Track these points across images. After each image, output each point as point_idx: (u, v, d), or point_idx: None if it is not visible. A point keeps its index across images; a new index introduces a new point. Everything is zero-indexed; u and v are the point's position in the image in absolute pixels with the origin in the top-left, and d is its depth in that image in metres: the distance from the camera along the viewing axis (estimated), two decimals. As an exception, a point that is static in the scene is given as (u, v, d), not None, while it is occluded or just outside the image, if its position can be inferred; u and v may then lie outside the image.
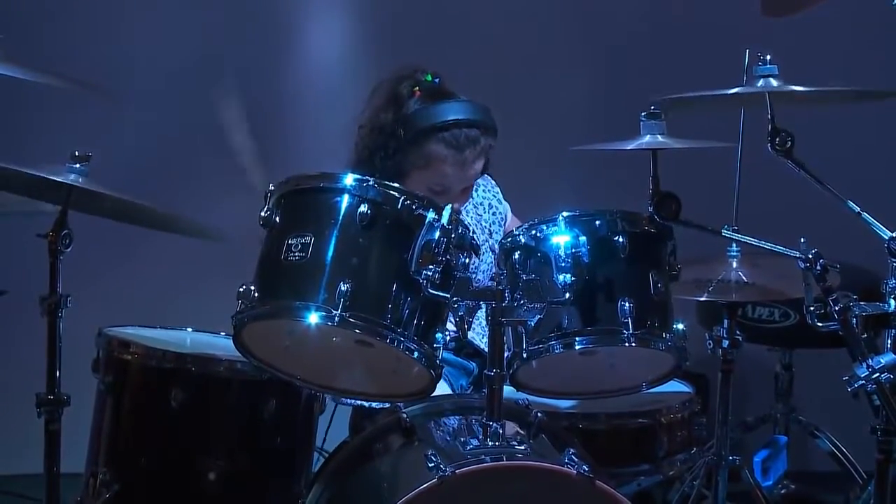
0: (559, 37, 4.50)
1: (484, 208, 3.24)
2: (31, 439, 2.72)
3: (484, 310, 2.43)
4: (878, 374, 2.35)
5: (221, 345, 2.80)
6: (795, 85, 2.60)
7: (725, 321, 3.21)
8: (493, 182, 3.29)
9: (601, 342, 2.49)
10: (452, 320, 2.48)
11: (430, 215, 2.36)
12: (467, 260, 2.43)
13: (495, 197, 3.28)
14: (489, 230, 3.22)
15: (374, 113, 3.06)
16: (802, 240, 2.46)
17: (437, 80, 3.06)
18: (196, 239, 3.01)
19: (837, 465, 4.05)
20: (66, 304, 2.64)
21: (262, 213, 2.45)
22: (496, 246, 3.15)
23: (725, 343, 3.20)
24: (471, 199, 3.18)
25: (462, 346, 3.08)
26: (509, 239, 2.55)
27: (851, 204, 2.48)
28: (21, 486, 3.95)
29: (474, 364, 3.12)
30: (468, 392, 3.05)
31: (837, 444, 4.04)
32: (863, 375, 2.35)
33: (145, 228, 2.92)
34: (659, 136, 2.58)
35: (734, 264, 3.22)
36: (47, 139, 4.01)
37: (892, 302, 2.44)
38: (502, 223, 3.28)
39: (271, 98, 4.41)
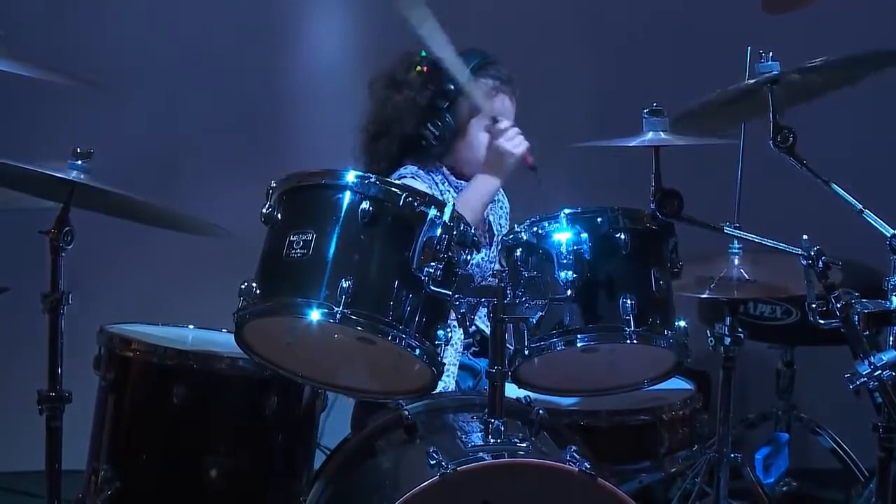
0: (561, 34, 4.49)
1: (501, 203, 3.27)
2: (32, 436, 2.71)
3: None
4: (879, 372, 2.35)
5: (223, 342, 2.80)
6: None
7: (727, 318, 3.21)
8: None
9: (603, 339, 2.49)
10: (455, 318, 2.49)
11: (432, 212, 2.37)
12: (469, 257, 2.43)
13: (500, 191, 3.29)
14: (499, 224, 3.24)
15: (380, 104, 3.09)
16: (804, 237, 2.45)
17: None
18: (198, 236, 3.01)
19: (839, 462, 4.05)
20: (67, 301, 2.63)
21: (264, 210, 2.45)
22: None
23: (727, 340, 3.21)
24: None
25: (472, 344, 3.08)
26: (511, 236, 2.54)
27: (853, 201, 2.48)
28: (22, 482, 3.96)
29: (483, 365, 3.11)
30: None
31: (839, 441, 4.04)
32: (864, 373, 2.35)
33: (147, 225, 2.92)
34: (661, 133, 2.58)
35: (736, 261, 3.22)
36: (49, 136, 4.01)
37: (893, 299, 2.43)
38: (508, 217, 3.29)
39: (273, 94, 4.41)
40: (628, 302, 2.45)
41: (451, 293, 2.37)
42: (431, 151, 3.09)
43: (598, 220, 2.51)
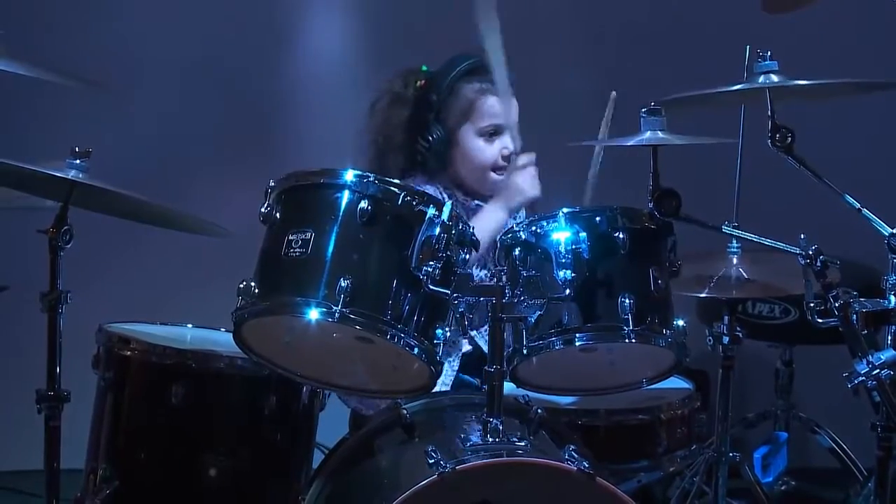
0: (559, 33, 4.49)
1: None
2: (31, 435, 2.71)
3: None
4: (878, 371, 2.35)
5: (222, 341, 2.80)
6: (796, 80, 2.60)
7: (726, 317, 3.21)
8: None
9: (601, 338, 2.49)
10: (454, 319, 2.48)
11: (431, 211, 2.36)
12: (467, 256, 2.43)
13: None
14: None
15: (384, 120, 3.09)
16: (802, 236, 2.45)
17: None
18: (197, 235, 3.01)
19: (837, 461, 4.05)
20: (66, 300, 2.63)
21: (263, 210, 2.45)
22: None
23: (726, 339, 3.21)
24: None
25: (474, 361, 3.06)
26: (509, 235, 2.54)
27: (851, 200, 2.48)
28: (21, 482, 3.96)
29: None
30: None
31: (838, 440, 4.04)
32: (863, 372, 2.35)
33: (145, 224, 2.92)
34: (659, 133, 2.57)
35: (734, 260, 3.22)
36: (48, 135, 4.01)
37: (892, 298, 2.44)
38: None
39: (272, 94, 4.41)
40: (627, 301, 2.44)
41: (449, 292, 2.37)
42: (428, 165, 3.07)
43: (597, 219, 2.51)
